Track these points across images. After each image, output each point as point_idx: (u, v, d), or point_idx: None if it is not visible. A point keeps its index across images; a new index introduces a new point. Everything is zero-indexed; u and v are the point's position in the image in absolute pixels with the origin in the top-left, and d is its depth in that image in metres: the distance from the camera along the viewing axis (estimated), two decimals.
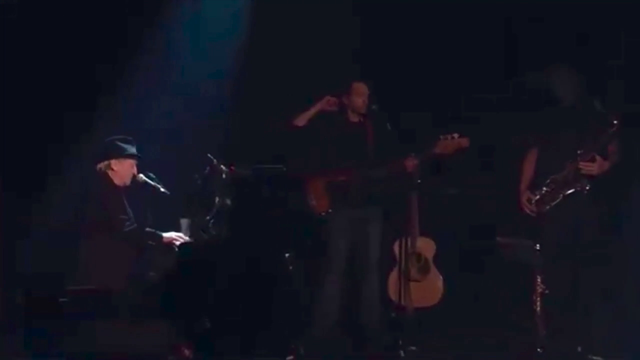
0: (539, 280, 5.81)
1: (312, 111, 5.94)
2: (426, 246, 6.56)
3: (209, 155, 5.94)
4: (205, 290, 5.74)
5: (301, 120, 5.94)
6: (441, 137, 5.84)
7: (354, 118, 6.11)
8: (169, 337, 5.50)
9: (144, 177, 5.90)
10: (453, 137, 5.83)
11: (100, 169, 5.85)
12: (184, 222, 5.95)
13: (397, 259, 6.20)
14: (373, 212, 6.02)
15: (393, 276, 6.30)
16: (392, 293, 6.23)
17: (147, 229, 5.82)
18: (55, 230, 6.40)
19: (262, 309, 5.90)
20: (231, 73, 6.73)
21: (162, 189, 5.92)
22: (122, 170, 5.82)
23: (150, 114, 6.65)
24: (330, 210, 5.91)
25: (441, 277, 6.53)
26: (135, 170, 5.82)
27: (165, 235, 5.84)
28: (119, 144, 5.84)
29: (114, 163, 5.82)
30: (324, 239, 5.92)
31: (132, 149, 5.84)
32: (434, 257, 6.57)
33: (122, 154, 5.82)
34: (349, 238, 5.95)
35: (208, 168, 5.91)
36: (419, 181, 6.08)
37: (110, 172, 5.84)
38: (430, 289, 6.49)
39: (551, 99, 5.91)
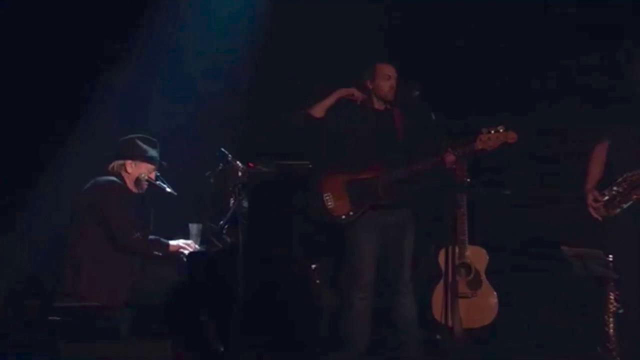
0: (612, 297, 5.18)
1: (330, 100, 5.53)
2: (477, 256, 6.05)
3: (222, 149, 5.46)
4: (218, 308, 5.36)
5: (318, 111, 5.53)
6: (483, 130, 5.41)
7: (380, 105, 5.65)
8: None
9: (147, 177, 5.41)
10: (497, 131, 5.40)
11: (113, 168, 5.35)
12: (194, 227, 5.53)
13: (442, 271, 5.77)
14: (405, 216, 5.58)
15: (438, 292, 5.83)
16: (437, 312, 5.75)
17: (151, 236, 5.32)
18: (44, 237, 5.97)
19: (284, 329, 5.69)
20: (246, 59, 6.40)
21: (168, 189, 5.41)
22: (138, 173, 5.35)
23: (153, 106, 6.31)
24: (351, 214, 5.49)
25: (495, 293, 6.00)
26: (153, 175, 5.37)
27: (172, 243, 5.37)
28: (140, 143, 5.35)
29: (129, 165, 5.33)
30: (348, 248, 5.54)
31: (154, 152, 5.37)
32: (486, 269, 6.07)
33: (142, 156, 5.35)
34: (378, 247, 5.53)
35: (222, 164, 5.47)
36: (467, 180, 5.72)
37: (123, 174, 5.34)
38: (481, 307, 6.00)
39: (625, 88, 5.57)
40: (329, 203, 5.53)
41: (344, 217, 5.53)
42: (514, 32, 6.40)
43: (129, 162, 5.37)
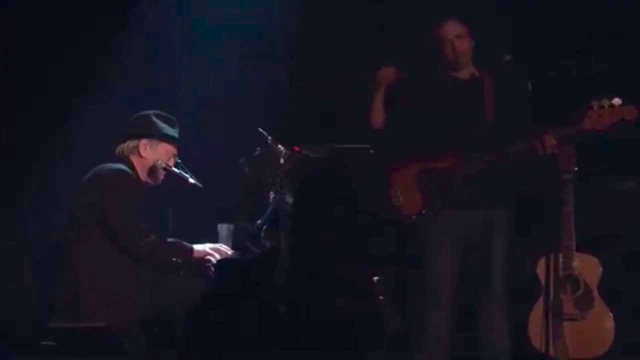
0: None
1: (377, 100, 5.18)
2: (587, 267, 5.42)
3: (260, 130, 5.11)
4: (255, 328, 5.02)
5: (376, 120, 5.21)
6: (593, 104, 4.96)
7: (464, 73, 5.23)
8: None
9: (165, 164, 5.02)
10: (612, 105, 4.96)
11: (122, 151, 4.94)
12: (224, 228, 5.18)
13: (542, 286, 5.30)
14: (494, 216, 5.14)
15: (536, 312, 5.24)
16: (535, 337, 5.24)
17: (170, 239, 4.91)
18: (36, 243, 5.76)
19: (337, 357, 5.29)
20: (286, 26, 6.11)
21: (191, 180, 5.03)
22: (154, 159, 4.96)
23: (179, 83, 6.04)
24: (423, 212, 5.12)
25: (611, 314, 5.40)
26: (172, 162, 5.01)
27: (197, 248, 4.96)
28: (156, 120, 4.98)
29: (144, 146, 4.92)
30: (421, 256, 5.15)
31: (174, 132, 5.02)
32: (599, 283, 5.50)
33: (158, 134, 4.96)
34: (458, 256, 5.16)
35: (259, 148, 5.17)
36: (575, 169, 5.16)
37: (134, 159, 4.94)
38: (593, 332, 5.37)
39: None
40: (396, 199, 5.13)
41: (414, 216, 5.12)
42: None
43: (143, 141, 4.95)
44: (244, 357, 4.98)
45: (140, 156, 4.93)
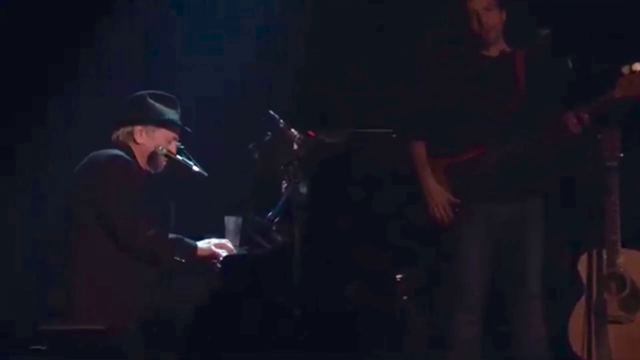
0: None
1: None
2: (634, 264, 5.16)
3: (270, 112, 4.83)
4: (265, 332, 4.84)
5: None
6: (624, 70, 4.73)
7: (494, 50, 4.96)
8: None
9: (166, 149, 4.79)
10: None
11: (117, 138, 4.73)
12: (231, 222, 4.97)
13: (583, 285, 4.97)
14: (529, 209, 4.95)
15: (577, 314, 5.00)
16: (575, 343, 4.99)
17: (171, 235, 4.69)
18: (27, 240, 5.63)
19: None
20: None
21: (195, 168, 4.79)
22: (153, 145, 4.75)
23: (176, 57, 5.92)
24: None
25: None
26: (173, 147, 4.78)
27: (201, 245, 4.75)
28: (152, 102, 4.75)
29: (139, 132, 4.71)
30: (449, 253, 4.95)
31: (173, 114, 4.79)
32: None
33: (153, 120, 4.73)
34: (489, 253, 4.93)
35: (270, 133, 4.90)
36: (620, 155, 4.92)
37: (132, 146, 4.73)
38: None
39: None
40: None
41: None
42: None
43: (138, 128, 4.72)
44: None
45: (137, 143, 4.73)
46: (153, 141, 4.74)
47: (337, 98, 5.81)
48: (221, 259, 4.75)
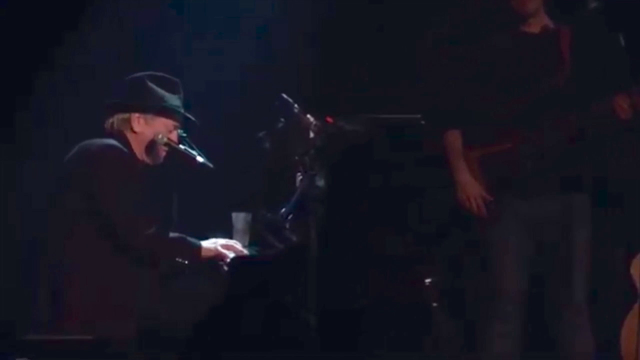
0: None
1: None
2: None
3: (284, 96, 4.45)
4: (276, 341, 4.46)
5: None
6: None
7: (534, 27, 4.66)
8: None
9: (167, 138, 4.47)
10: None
11: (112, 125, 4.44)
12: (240, 218, 4.71)
13: (637, 290, 4.89)
14: (572, 204, 4.63)
15: (631, 322, 4.81)
16: (628, 352, 4.79)
17: (173, 233, 4.42)
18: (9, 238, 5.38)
19: None
20: None
21: (200, 159, 4.50)
22: (152, 135, 4.50)
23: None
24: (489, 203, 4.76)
25: None
26: (174, 136, 4.50)
27: (207, 245, 4.47)
28: (151, 86, 4.46)
29: (136, 119, 4.43)
30: (483, 253, 4.68)
31: (175, 100, 4.50)
32: None
33: (153, 107, 4.46)
34: (529, 252, 4.64)
35: (283, 119, 4.53)
36: None
37: (128, 135, 4.45)
38: None
39: None
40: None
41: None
42: None
43: (135, 115, 4.41)
44: None
45: (134, 131, 4.43)
46: (152, 129, 4.46)
47: (358, 80, 5.51)
48: (228, 260, 4.44)
